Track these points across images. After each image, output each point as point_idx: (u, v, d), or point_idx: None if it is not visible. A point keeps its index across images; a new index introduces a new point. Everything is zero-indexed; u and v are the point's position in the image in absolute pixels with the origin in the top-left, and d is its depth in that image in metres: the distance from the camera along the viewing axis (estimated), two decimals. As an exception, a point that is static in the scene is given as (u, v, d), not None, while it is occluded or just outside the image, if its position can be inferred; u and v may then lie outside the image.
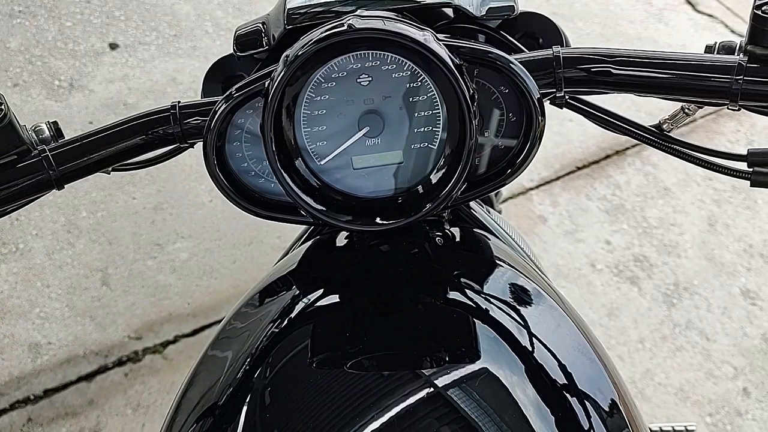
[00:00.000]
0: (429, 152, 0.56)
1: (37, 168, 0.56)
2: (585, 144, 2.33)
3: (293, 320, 0.61)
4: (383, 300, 0.60)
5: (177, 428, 0.59)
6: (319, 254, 0.72)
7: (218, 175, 0.58)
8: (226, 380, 0.57)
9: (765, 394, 1.78)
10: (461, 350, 0.55)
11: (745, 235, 2.13)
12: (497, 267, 0.66)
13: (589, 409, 0.54)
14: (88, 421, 1.56)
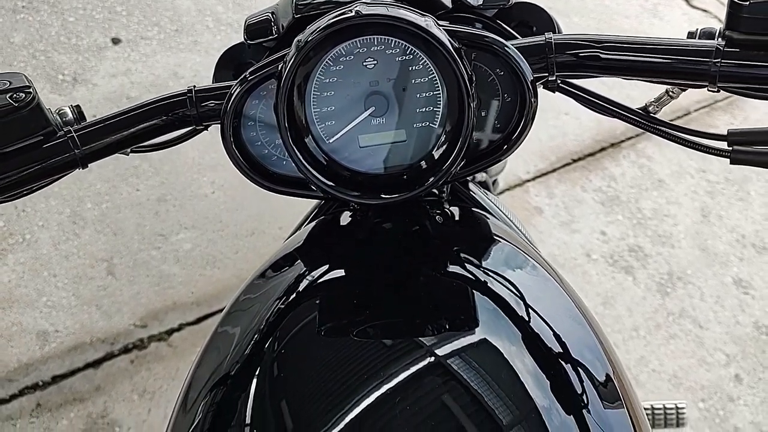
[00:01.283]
0: (430, 131, 0.60)
1: (64, 148, 0.59)
2: (581, 137, 2.36)
3: (301, 294, 0.64)
4: (387, 273, 0.63)
5: (192, 399, 0.61)
6: (324, 232, 0.75)
7: (235, 153, 0.61)
8: (239, 350, 0.60)
9: (756, 381, 1.81)
10: (461, 319, 0.58)
11: (738, 225, 2.17)
12: (495, 242, 0.69)
13: (583, 379, 0.56)
14: (96, 406, 1.58)
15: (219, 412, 0.57)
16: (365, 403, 0.52)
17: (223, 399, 0.58)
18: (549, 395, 0.54)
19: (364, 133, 0.60)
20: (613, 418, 0.56)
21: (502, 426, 0.51)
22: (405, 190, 0.60)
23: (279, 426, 0.54)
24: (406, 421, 0.51)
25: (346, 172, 0.61)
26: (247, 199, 2.03)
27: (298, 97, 0.58)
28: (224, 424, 0.56)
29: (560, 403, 0.54)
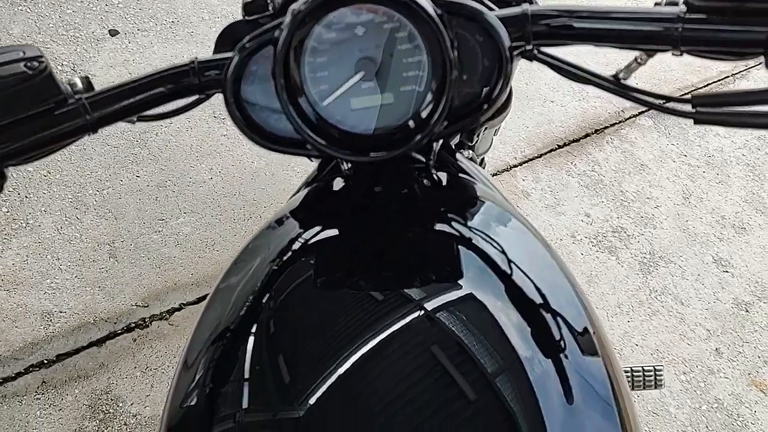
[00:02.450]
0: (416, 93, 0.64)
1: (76, 114, 0.62)
2: (566, 123, 2.43)
3: (297, 253, 0.68)
4: (378, 232, 0.69)
5: (194, 355, 0.64)
6: (318, 197, 0.80)
7: (237, 116, 0.66)
8: (238, 307, 0.64)
9: (736, 354, 1.88)
10: (448, 273, 0.63)
11: (718, 207, 2.24)
12: (480, 203, 0.74)
13: (562, 329, 0.61)
14: (100, 383, 1.63)
15: (220, 366, 0.60)
16: (360, 351, 0.57)
17: (224, 353, 0.61)
18: (530, 343, 0.58)
19: (354, 96, 0.64)
20: (590, 365, 0.60)
21: (487, 370, 0.55)
22: (394, 148, 0.64)
23: (278, 375, 0.58)
24: (399, 366, 0.55)
25: (338, 133, 0.65)
26: (244, 185, 2.09)
27: (294, 62, 0.63)
28: (225, 377, 0.59)
29: (540, 351, 0.58)
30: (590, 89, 2.57)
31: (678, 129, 2.46)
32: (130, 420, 1.57)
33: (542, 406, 0.54)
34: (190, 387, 0.61)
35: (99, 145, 2.13)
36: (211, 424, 0.57)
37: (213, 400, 0.59)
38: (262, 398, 0.57)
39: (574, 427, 0.55)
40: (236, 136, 2.21)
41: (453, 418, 0.53)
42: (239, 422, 0.56)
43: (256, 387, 0.58)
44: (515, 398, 0.55)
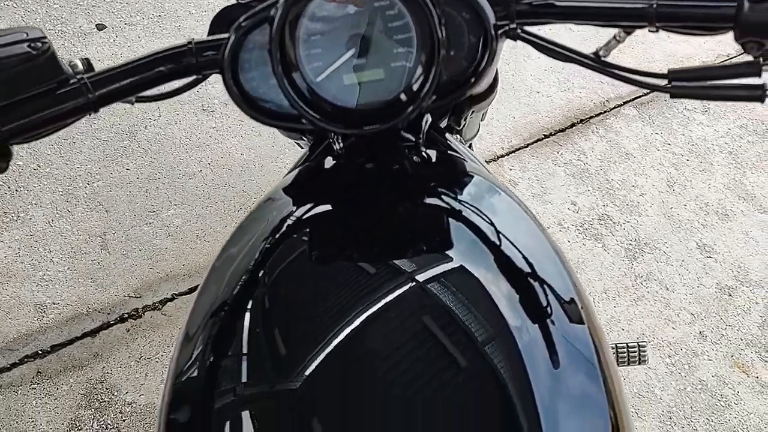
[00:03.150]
0: (406, 69, 0.67)
1: (78, 93, 0.64)
2: (552, 113, 2.46)
3: (292, 227, 0.70)
4: (370, 206, 0.71)
5: (194, 327, 0.66)
6: (311, 174, 0.82)
7: (236, 93, 0.68)
8: (237, 280, 0.66)
9: (719, 337, 1.92)
10: (438, 244, 0.65)
11: (702, 194, 2.28)
12: (469, 177, 0.76)
13: (549, 297, 0.63)
14: (94, 372, 1.65)
15: (220, 340, 0.62)
16: (355, 322, 0.58)
17: (223, 327, 0.63)
18: (518, 312, 0.60)
19: (347, 72, 0.67)
20: (576, 333, 0.62)
21: (477, 337, 0.58)
22: (386, 121, 0.67)
23: (276, 347, 0.59)
24: (393, 336, 0.57)
25: (331, 108, 0.67)
26: (234, 177, 2.10)
27: (289, 39, 0.65)
28: (225, 349, 0.61)
29: (528, 319, 0.60)
30: (575, 80, 2.61)
31: (662, 118, 2.50)
32: (125, 408, 1.59)
33: (529, 371, 0.56)
34: (191, 361, 0.62)
35: (88, 139, 2.14)
36: (212, 395, 0.58)
37: (213, 373, 0.60)
38: (261, 370, 0.59)
39: (561, 390, 0.57)
40: (225, 128, 2.23)
41: (445, 385, 0.55)
42: (239, 394, 0.57)
43: (255, 359, 0.60)
44: (504, 364, 0.57)
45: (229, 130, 2.23)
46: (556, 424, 0.54)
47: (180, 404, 0.61)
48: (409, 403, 0.54)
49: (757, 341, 1.91)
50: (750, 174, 2.36)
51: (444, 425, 0.53)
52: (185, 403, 0.61)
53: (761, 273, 2.08)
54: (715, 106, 2.57)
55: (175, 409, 0.61)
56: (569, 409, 0.57)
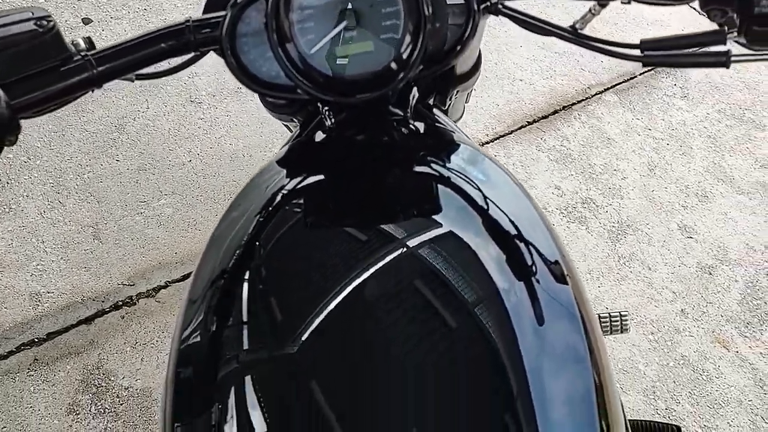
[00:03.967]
0: (394, 40, 0.70)
1: (82, 69, 0.67)
2: (535, 101, 2.50)
3: (287, 197, 0.73)
4: (362, 175, 0.73)
5: (198, 291, 0.68)
6: (303, 149, 0.84)
7: (234, 65, 0.71)
8: (235, 249, 0.68)
9: (700, 314, 1.97)
10: (429, 209, 0.68)
11: (682, 177, 2.33)
12: (456, 146, 0.79)
13: (534, 259, 0.66)
14: (91, 358, 1.67)
15: (222, 307, 0.64)
16: (351, 286, 0.61)
17: (224, 295, 0.65)
18: (506, 273, 0.63)
19: (338, 44, 0.70)
20: (559, 292, 0.65)
21: (468, 297, 0.60)
22: (376, 90, 0.70)
23: (275, 312, 0.62)
24: (388, 298, 0.60)
25: (324, 79, 0.71)
26: (223, 166, 2.13)
27: (284, 14, 0.68)
28: (227, 316, 0.63)
29: (515, 280, 0.63)
30: (558, 68, 2.65)
31: (642, 104, 2.55)
32: (122, 392, 1.61)
33: (516, 328, 0.59)
34: (195, 326, 0.65)
35: (77, 131, 2.15)
36: (216, 357, 0.61)
37: (217, 336, 0.62)
38: (262, 334, 0.61)
39: (546, 347, 0.59)
40: (213, 119, 2.25)
41: (437, 345, 0.58)
42: (242, 356, 0.59)
43: (256, 322, 0.62)
44: (492, 323, 0.59)
45: (217, 120, 2.25)
46: (541, 378, 0.57)
47: (185, 366, 0.64)
48: (404, 362, 0.56)
49: (737, 317, 1.97)
50: (728, 157, 2.42)
51: (435, 383, 0.56)
52: (190, 365, 0.63)
53: (740, 252, 2.13)
54: (694, 92, 2.63)
55: (181, 370, 0.64)
56: (555, 365, 0.59)
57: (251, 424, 0.55)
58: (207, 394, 0.59)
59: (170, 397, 0.62)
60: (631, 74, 2.65)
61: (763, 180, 2.36)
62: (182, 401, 0.61)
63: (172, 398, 0.62)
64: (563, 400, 0.57)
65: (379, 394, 0.56)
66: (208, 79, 2.38)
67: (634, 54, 0.70)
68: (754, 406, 1.79)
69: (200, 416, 0.59)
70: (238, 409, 0.57)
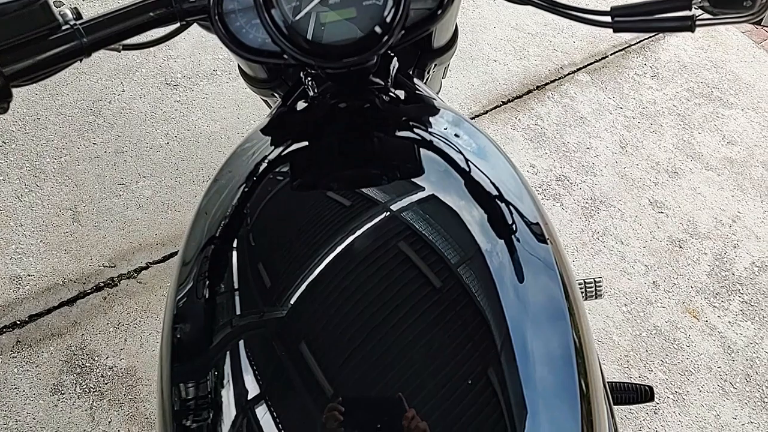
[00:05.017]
0: (377, 6, 0.72)
1: (71, 38, 0.67)
2: (509, 81, 2.53)
3: (272, 163, 0.74)
4: (346, 140, 0.75)
5: (191, 253, 0.70)
6: (287, 117, 0.86)
7: (222, 32, 0.73)
8: (226, 209, 0.70)
9: (671, 286, 2.03)
10: (412, 172, 0.70)
11: (653, 154, 2.38)
12: (437, 111, 0.81)
13: (515, 219, 0.67)
14: (74, 339, 1.67)
15: (214, 271, 0.66)
16: (339, 247, 0.63)
17: (215, 260, 0.67)
18: (488, 233, 0.65)
19: (322, 11, 0.72)
20: (538, 250, 0.66)
21: (451, 257, 0.62)
22: (360, 54, 0.72)
23: (266, 275, 0.63)
24: (376, 257, 0.62)
25: (309, 45, 0.73)
26: (201, 148, 2.13)
27: None
28: (219, 280, 0.65)
29: (495, 238, 0.65)
30: (531, 49, 2.69)
31: (614, 83, 2.60)
32: (107, 372, 1.62)
33: (498, 286, 0.61)
34: (188, 292, 0.67)
35: (53, 115, 2.14)
36: (211, 324, 0.62)
37: (210, 303, 0.64)
38: (254, 296, 0.63)
39: (525, 303, 0.61)
40: (190, 102, 2.25)
41: (422, 302, 0.60)
42: (236, 322, 0.61)
43: (247, 287, 0.64)
44: (474, 280, 0.61)
45: (194, 103, 2.25)
46: (522, 334, 0.59)
47: (181, 329, 0.65)
48: (391, 320, 0.58)
49: (707, 288, 2.03)
50: (697, 134, 2.48)
51: (421, 340, 0.58)
52: (185, 329, 0.65)
53: (709, 226, 2.20)
54: (664, 72, 2.68)
55: (177, 327, 0.65)
56: (535, 321, 0.61)
57: (246, 382, 0.57)
58: (203, 354, 0.61)
59: (166, 359, 0.64)
60: (603, 54, 2.70)
61: (730, 156, 2.42)
62: (179, 362, 0.63)
63: (168, 360, 0.64)
64: (543, 354, 0.59)
65: (368, 352, 0.57)
66: (183, 61, 2.37)
67: (605, 20, 0.72)
68: (723, 372, 1.85)
69: (197, 376, 0.60)
70: (233, 369, 0.58)
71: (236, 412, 0.57)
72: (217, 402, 0.58)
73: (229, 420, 0.57)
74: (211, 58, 2.40)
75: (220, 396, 0.58)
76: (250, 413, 0.56)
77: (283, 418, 0.55)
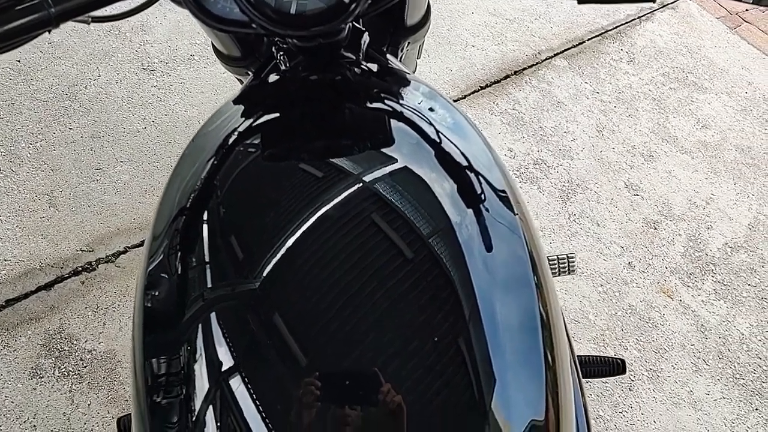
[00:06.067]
0: None
1: (39, 7, 0.65)
2: (487, 66, 2.55)
3: (243, 135, 0.74)
4: (317, 111, 0.75)
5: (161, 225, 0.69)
6: (258, 90, 0.86)
7: (190, 2, 0.73)
8: (197, 181, 0.69)
9: (646, 266, 2.06)
10: (382, 143, 0.70)
11: (628, 138, 2.41)
12: (408, 83, 0.82)
13: (484, 189, 0.68)
14: (52, 323, 1.66)
15: (185, 245, 0.65)
16: (311, 219, 0.63)
17: (186, 233, 0.66)
18: (456, 200, 0.66)
19: None
20: (506, 220, 0.67)
21: (421, 226, 0.63)
22: (330, 22, 0.71)
23: (237, 247, 0.63)
24: (347, 230, 0.62)
25: (278, 15, 0.71)
26: (179, 133, 2.12)
27: None
28: (191, 243, 0.64)
29: (464, 207, 0.65)
30: (508, 34, 2.70)
31: (590, 69, 2.62)
32: (85, 356, 1.62)
33: (465, 255, 0.62)
34: (158, 264, 0.66)
35: (27, 100, 2.12)
36: (183, 296, 0.62)
37: (181, 275, 0.64)
38: (224, 267, 0.63)
39: (492, 270, 0.62)
40: (167, 86, 2.24)
41: (393, 272, 0.60)
42: (207, 294, 0.61)
43: (218, 258, 0.63)
44: (442, 249, 0.62)
45: (171, 88, 2.24)
46: (488, 302, 0.60)
47: (153, 297, 0.66)
48: (362, 289, 0.59)
49: (681, 269, 2.06)
50: (672, 118, 2.51)
51: (391, 309, 0.58)
52: (157, 301, 0.65)
53: (683, 208, 2.23)
54: (640, 57, 2.71)
55: (148, 301, 0.65)
56: (501, 289, 0.62)
57: (220, 354, 0.57)
58: (175, 328, 0.61)
59: (139, 334, 0.64)
60: (580, 39, 2.72)
61: (704, 139, 2.45)
62: (151, 336, 0.63)
63: (141, 334, 0.64)
64: (509, 324, 0.60)
65: (341, 323, 0.58)
66: (160, 46, 2.36)
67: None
68: (696, 349, 1.88)
69: (170, 350, 0.60)
70: (206, 342, 0.58)
71: (210, 385, 0.57)
72: (190, 376, 0.58)
73: (202, 393, 0.57)
74: (188, 43, 2.39)
75: (194, 370, 0.58)
76: (224, 385, 0.56)
77: (258, 390, 0.56)
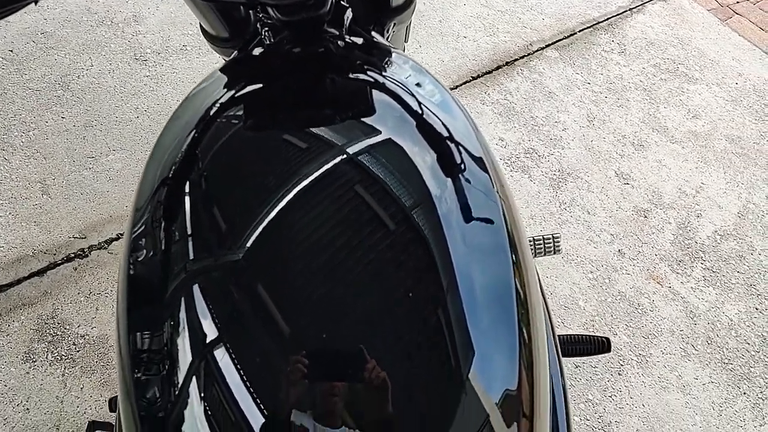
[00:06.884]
0: None
1: None
2: (479, 57, 2.56)
3: (226, 106, 0.74)
4: (300, 83, 0.76)
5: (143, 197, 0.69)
6: (241, 63, 0.86)
7: None
8: (174, 159, 0.69)
9: (636, 254, 2.08)
10: (364, 113, 0.70)
11: (619, 128, 2.43)
12: (389, 56, 0.83)
13: (464, 160, 0.69)
14: (45, 309, 1.67)
15: (167, 207, 0.65)
16: (294, 190, 0.63)
17: (168, 195, 0.66)
18: (436, 172, 0.66)
19: None
20: (486, 199, 0.68)
21: (402, 197, 0.63)
22: None
23: (221, 218, 0.63)
24: (330, 200, 0.63)
25: None
26: (172, 122, 2.13)
27: None
28: (173, 214, 0.64)
29: (443, 179, 0.66)
30: (500, 26, 2.71)
31: (582, 60, 2.64)
32: (78, 340, 1.62)
33: (443, 226, 0.62)
34: (140, 235, 0.67)
35: (20, 89, 2.12)
36: (166, 268, 0.62)
37: (164, 247, 0.64)
38: (207, 238, 0.63)
39: (470, 244, 0.63)
40: (159, 76, 2.25)
41: (374, 242, 0.61)
42: (190, 270, 0.61)
43: (201, 229, 0.63)
44: (421, 220, 0.63)
45: (163, 78, 2.25)
46: (468, 275, 0.60)
47: (136, 270, 0.66)
48: (343, 260, 0.59)
49: (670, 256, 2.08)
50: (663, 108, 2.52)
51: (370, 280, 0.59)
52: (142, 269, 0.65)
53: (673, 196, 2.25)
54: (631, 48, 2.73)
55: (132, 274, 0.66)
56: (477, 261, 0.62)
57: (204, 327, 0.58)
58: (159, 301, 0.61)
59: (122, 307, 0.64)
60: (572, 31, 2.73)
61: (694, 129, 2.47)
62: (135, 310, 0.63)
63: (125, 307, 0.64)
64: (484, 297, 0.60)
65: (323, 294, 0.58)
66: (153, 37, 2.37)
67: None
68: (685, 335, 1.90)
69: (154, 323, 0.61)
70: (189, 315, 0.58)
71: (194, 358, 0.57)
72: (174, 348, 0.58)
73: (185, 366, 0.57)
74: (181, 34, 2.39)
75: (177, 342, 0.58)
76: (209, 357, 0.56)
77: (242, 362, 0.56)
